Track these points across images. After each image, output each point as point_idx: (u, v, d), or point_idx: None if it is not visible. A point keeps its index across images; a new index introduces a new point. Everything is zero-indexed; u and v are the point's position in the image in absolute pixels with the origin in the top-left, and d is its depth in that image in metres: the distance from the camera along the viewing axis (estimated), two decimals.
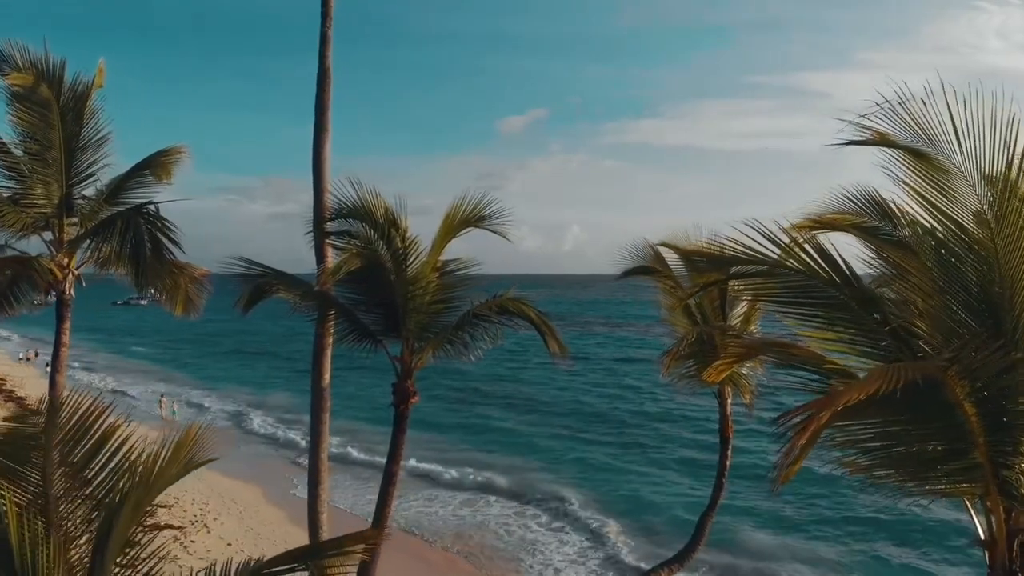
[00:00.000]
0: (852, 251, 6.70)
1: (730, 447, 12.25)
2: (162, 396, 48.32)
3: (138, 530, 5.92)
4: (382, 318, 10.63)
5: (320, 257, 11.00)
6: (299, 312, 10.46)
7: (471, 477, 32.43)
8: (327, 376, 11.46)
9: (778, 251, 6.36)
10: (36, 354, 63.02)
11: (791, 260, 6.36)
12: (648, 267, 11.89)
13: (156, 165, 13.60)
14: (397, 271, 10.36)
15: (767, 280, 6.67)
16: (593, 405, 48.54)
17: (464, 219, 10.70)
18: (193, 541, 25.23)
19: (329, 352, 11.34)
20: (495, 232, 10.83)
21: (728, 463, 12.24)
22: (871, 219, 7.35)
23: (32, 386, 50.16)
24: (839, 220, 7.22)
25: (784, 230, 6.59)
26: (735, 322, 12.14)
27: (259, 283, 10.32)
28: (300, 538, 25.84)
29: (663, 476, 33.00)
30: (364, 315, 10.65)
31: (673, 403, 43.50)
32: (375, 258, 10.24)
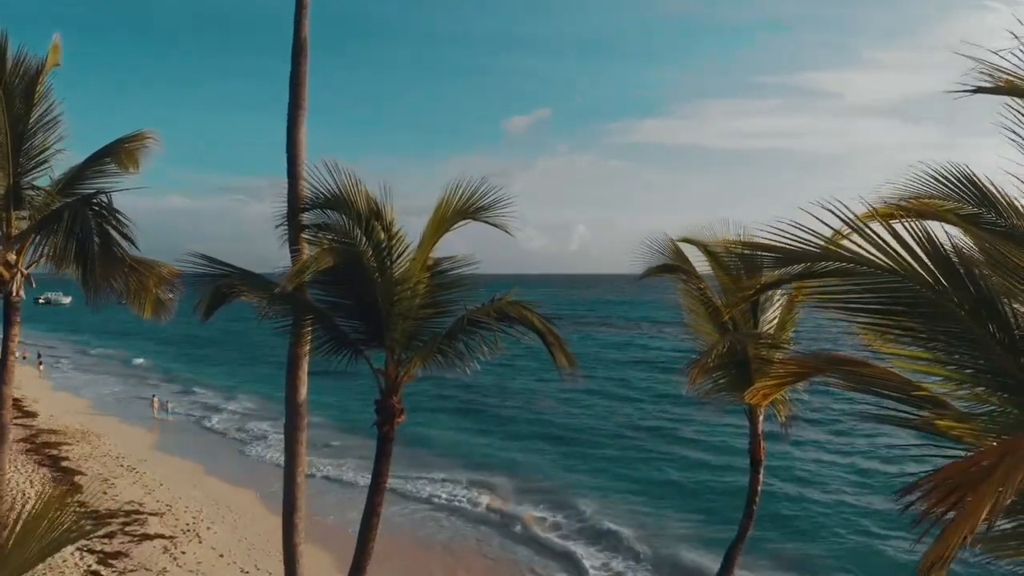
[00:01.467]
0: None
1: (761, 470, 10.55)
2: (153, 396, 46.44)
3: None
4: (363, 324, 8.96)
5: (295, 254, 9.34)
6: (268, 319, 8.81)
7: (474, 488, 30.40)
8: (303, 390, 9.81)
9: (861, 245, 4.68)
10: (40, 359, 61.43)
11: (879, 255, 4.66)
12: (672, 265, 10.20)
13: (119, 152, 11.95)
14: (380, 270, 8.71)
15: (845, 281, 4.95)
16: (602, 416, 45.11)
17: (459, 210, 9.03)
18: (183, 552, 23.57)
19: (305, 363, 9.69)
20: (495, 225, 9.17)
21: (759, 488, 10.55)
22: (968, 204, 5.67)
23: (32, 390, 48.90)
24: (930, 207, 5.51)
25: (858, 218, 4.88)
26: (766, 328, 10.47)
27: (220, 285, 8.68)
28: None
29: (679, 501, 29.22)
30: (343, 321, 8.99)
31: (687, 416, 40.85)
32: (354, 255, 8.58)
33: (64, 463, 31.80)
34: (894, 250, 4.61)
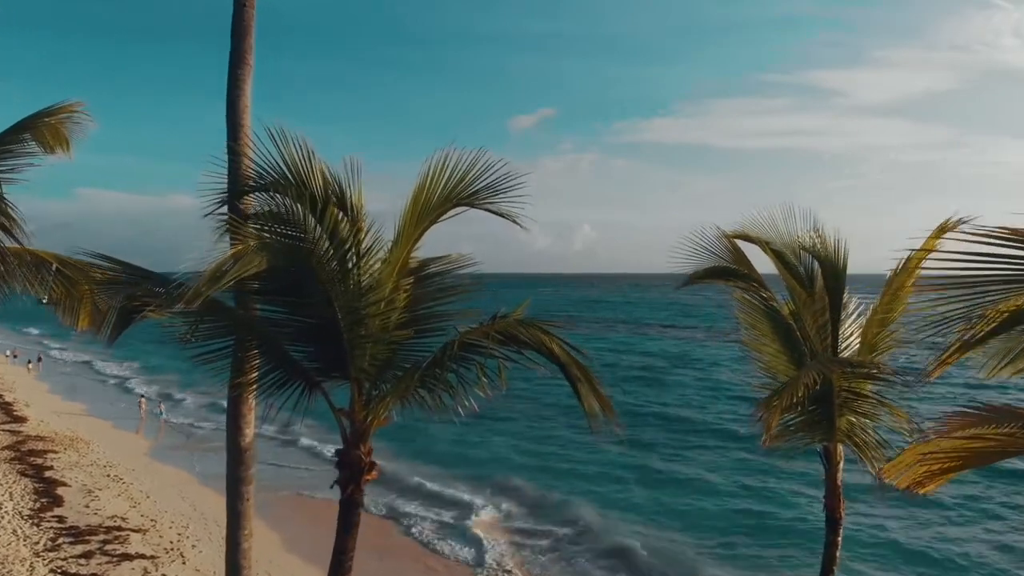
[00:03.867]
0: None
1: (840, 532, 7.91)
2: (141, 398, 43.62)
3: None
4: (318, 349, 6.37)
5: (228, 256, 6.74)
6: (191, 342, 6.21)
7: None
8: (249, 432, 7.21)
9: None
10: (40, 360, 59.00)
11: None
12: (727, 269, 7.60)
13: (40, 128, 9.38)
14: (342, 275, 6.11)
15: None
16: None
17: (449, 194, 6.43)
18: (164, 575, 21.05)
19: (251, 398, 7.09)
20: (502, 215, 6.58)
21: (838, 554, 7.91)
22: None
23: (26, 393, 46.44)
24: None
25: None
26: (843, 346, 7.86)
27: (126, 298, 6.11)
28: (287, 570, 21.94)
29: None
30: (291, 344, 6.40)
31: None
32: (302, 254, 5.97)
33: (48, 473, 29.32)
34: None
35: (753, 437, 27.68)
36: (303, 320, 6.36)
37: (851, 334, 8.05)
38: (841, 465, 7.80)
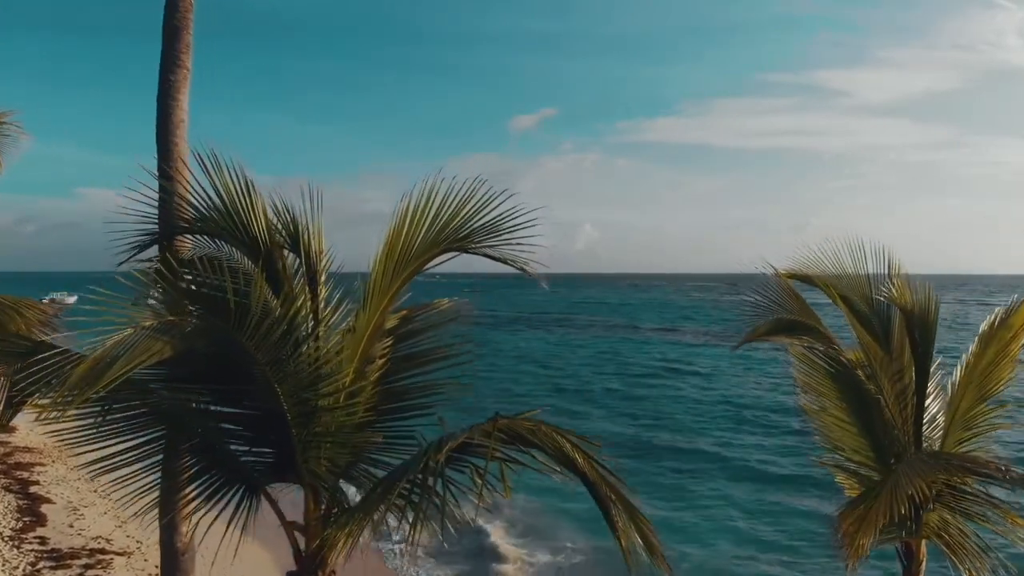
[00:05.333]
0: None
1: None
2: None
3: None
4: (264, 444, 4.72)
5: (173, 303, 5.07)
6: (104, 425, 4.55)
7: None
8: (183, 530, 5.57)
9: None
10: None
11: None
12: (795, 322, 5.93)
13: None
14: (289, 354, 4.42)
15: None
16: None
17: (436, 238, 4.76)
18: None
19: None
20: (503, 261, 4.93)
21: None
22: None
23: None
24: None
25: None
26: (930, 425, 6.18)
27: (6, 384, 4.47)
28: None
29: None
30: (229, 441, 4.74)
31: None
32: (232, 333, 4.25)
33: (33, 488, 27.70)
34: None
35: (773, 478, 24.70)
36: (240, 409, 4.71)
37: (939, 410, 6.39)
38: (924, 565, 6.14)
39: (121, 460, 4.56)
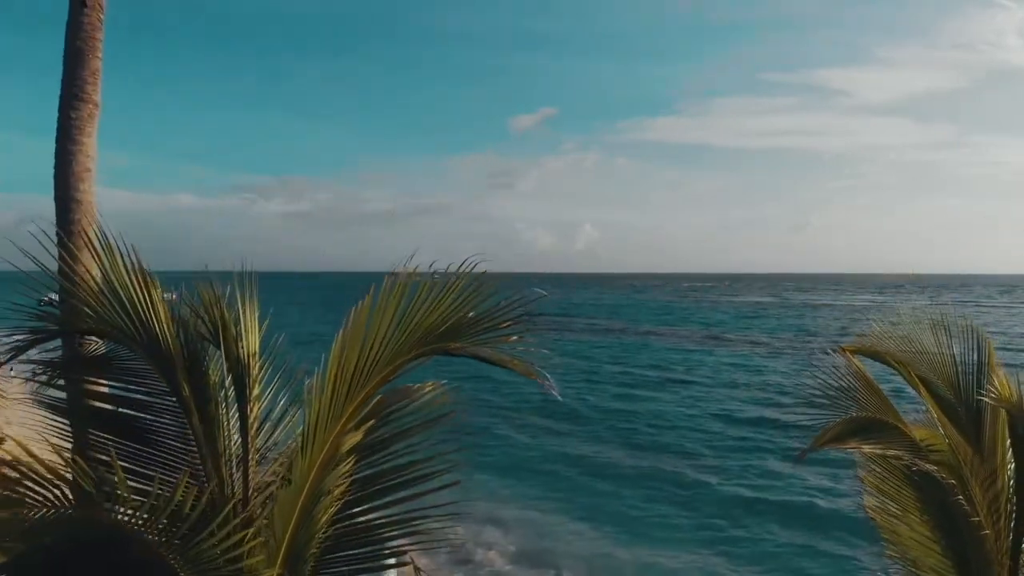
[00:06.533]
0: None
1: None
2: None
3: None
4: None
5: (77, 414, 3.77)
6: None
7: None
8: None
9: None
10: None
11: None
12: (873, 421, 4.63)
13: None
14: (193, 532, 3.08)
15: None
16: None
17: (408, 340, 3.45)
18: None
19: None
20: (502, 365, 3.62)
21: None
22: None
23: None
24: None
25: None
26: None
27: None
28: None
29: None
30: None
31: None
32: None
33: None
34: None
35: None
36: None
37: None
38: None
39: None
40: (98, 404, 3.80)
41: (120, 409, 3.60)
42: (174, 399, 3.44)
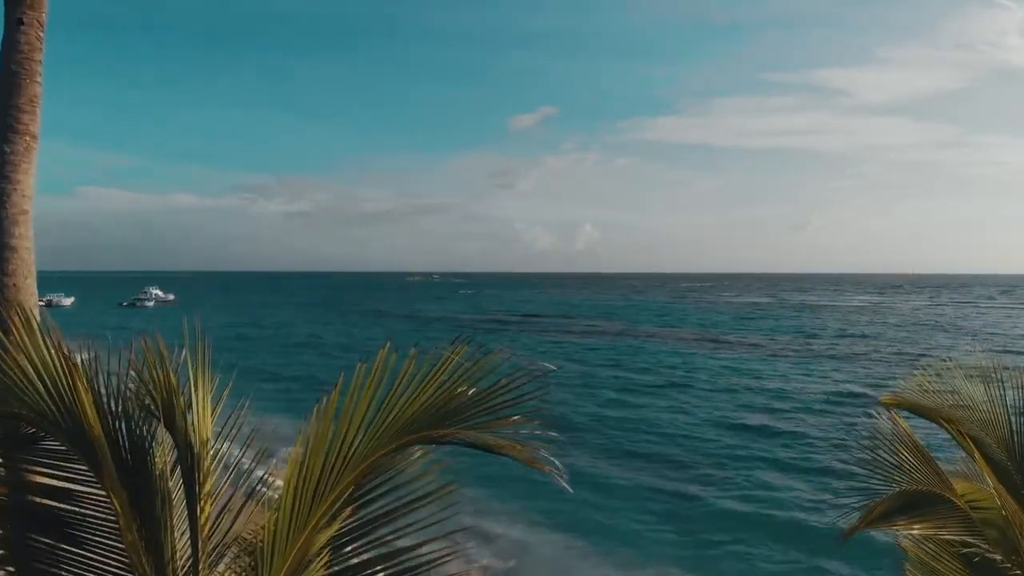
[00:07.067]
0: None
1: None
2: None
3: None
4: None
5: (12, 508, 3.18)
6: None
7: None
8: None
9: None
10: None
11: None
12: (924, 494, 4.06)
13: None
14: None
15: None
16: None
17: (392, 430, 2.87)
18: None
19: None
20: (499, 452, 3.02)
21: None
22: None
23: None
24: None
25: None
26: None
27: None
28: None
29: None
30: None
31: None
32: None
33: None
34: None
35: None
36: None
37: None
38: None
39: None
40: (32, 498, 3.21)
41: (49, 503, 3.02)
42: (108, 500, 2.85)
